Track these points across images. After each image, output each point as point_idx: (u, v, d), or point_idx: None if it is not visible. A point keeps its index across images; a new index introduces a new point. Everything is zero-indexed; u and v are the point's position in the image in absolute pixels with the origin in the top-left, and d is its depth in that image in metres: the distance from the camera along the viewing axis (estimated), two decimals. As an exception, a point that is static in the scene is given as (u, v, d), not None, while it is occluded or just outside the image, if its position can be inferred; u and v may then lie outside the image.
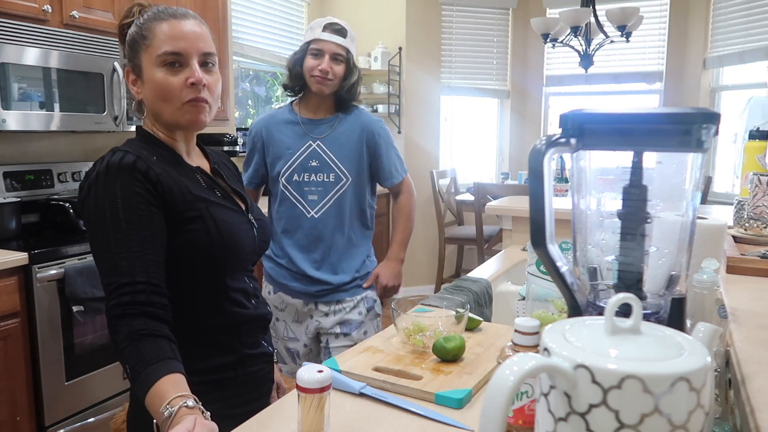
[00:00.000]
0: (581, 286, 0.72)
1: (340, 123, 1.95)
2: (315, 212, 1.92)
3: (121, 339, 0.94)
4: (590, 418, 0.50)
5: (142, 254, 0.99)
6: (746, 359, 0.81)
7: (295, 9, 4.57)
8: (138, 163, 1.03)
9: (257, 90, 4.68)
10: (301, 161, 1.91)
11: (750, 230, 1.60)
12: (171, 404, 0.87)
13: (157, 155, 1.09)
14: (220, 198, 1.16)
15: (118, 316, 0.95)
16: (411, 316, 1.22)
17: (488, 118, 5.49)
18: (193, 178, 1.14)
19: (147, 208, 1.02)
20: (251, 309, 1.20)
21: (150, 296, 0.97)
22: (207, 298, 1.13)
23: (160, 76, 1.08)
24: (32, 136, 2.69)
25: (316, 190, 1.92)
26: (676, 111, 0.65)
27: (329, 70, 1.85)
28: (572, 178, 0.74)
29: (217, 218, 1.11)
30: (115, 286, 0.97)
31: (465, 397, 1.00)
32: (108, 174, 1.02)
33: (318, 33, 1.85)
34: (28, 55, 2.28)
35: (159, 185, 1.04)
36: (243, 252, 1.17)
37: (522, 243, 2.35)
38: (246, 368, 1.19)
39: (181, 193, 1.07)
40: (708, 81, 4.74)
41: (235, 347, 1.17)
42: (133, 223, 1.00)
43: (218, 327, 1.15)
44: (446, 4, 5.04)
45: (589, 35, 4.17)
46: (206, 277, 1.12)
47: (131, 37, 1.11)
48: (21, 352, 2.11)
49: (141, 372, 0.91)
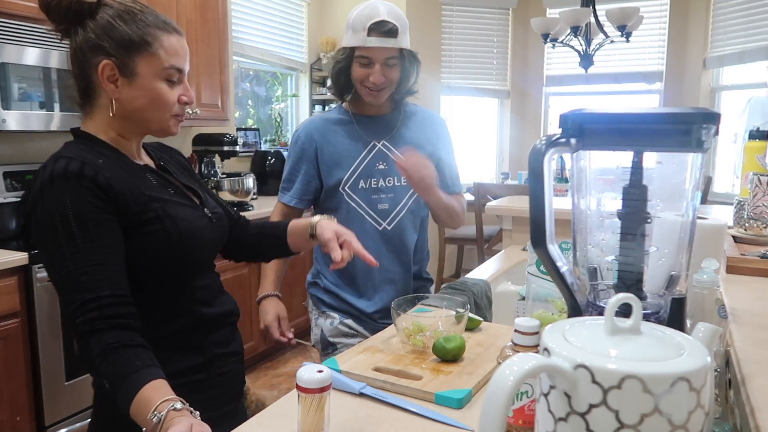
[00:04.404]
0: (581, 286, 0.72)
1: (405, 119, 1.70)
2: (387, 223, 1.66)
3: (95, 355, 0.92)
4: (590, 418, 0.50)
5: (103, 266, 0.96)
6: (746, 359, 0.81)
7: (295, 9, 4.57)
8: (85, 169, 0.97)
9: (257, 90, 4.68)
10: (366, 165, 1.63)
11: (750, 230, 1.60)
12: (158, 410, 0.86)
13: (102, 157, 1.03)
14: (173, 195, 1.12)
15: (87, 333, 0.93)
16: (411, 316, 1.22)
17: (488, 118, 5.49)
18: (143, 178, 1.09)
19: (101, 217, 0.97)
20: (217, 306, 1.17)
21: (117, 308, 0.95)
22: (171, 300, 1.10)
23: (163, 88, 1.05)
24: (32, 136, 2.69)
25: (387, 198, 1.64)
26: (676, 111, 0.65)
27: (383, 80, 1.56)
28: (572, 178, 0.74)
29: (175, 216, 1.07)
30: (79, 303, 0.93)
31: (465, 397, 1.00)
32: (53, 184, 0.96)
33: (363, 38, 1.52)
34: (28, 55, 2.28)
35: (110, 190, 0.99)
36: (204, 248, 1.15)
37: (522, 243, 2.35)
38: (217, 369, 1.16)
39: (134, 195, 1.03)
40: (708, 81, 4.74)
41: (204, 347, 1.13)
42: (89, 234, 0.96)
43: (185, 328, 1.11)
44: (446, 4, 5.04)
45: (589, 35, 4.18)
46: (169, 278, 1.09)
47: (125, 35, 1.02)
48: (21, 352, 2.11)
49: (121, 385, 0.89)
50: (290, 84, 4.80)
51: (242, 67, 4.29)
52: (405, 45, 1.59)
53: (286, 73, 4.73)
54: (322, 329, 1.70)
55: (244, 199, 3.36)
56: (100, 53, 1.02)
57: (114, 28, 1.02)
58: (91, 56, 1.03)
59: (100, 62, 1.02)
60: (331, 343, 1.68)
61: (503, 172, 5.31)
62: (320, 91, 4.74)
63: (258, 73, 4.58)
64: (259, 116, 4.71)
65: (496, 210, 2.51)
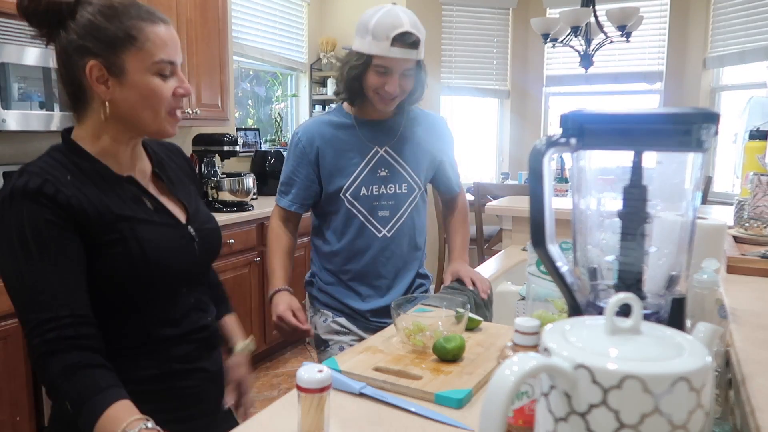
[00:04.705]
0: (581, 286, 0.72)
1: (408, 123, 1.68)
2: (387, 230, 1.66)
3: (54, 376, 0.89)
4: (590, 418, 0.50)
5: (61, 285, 0.92)
6: (746, 359, 0.81)
7: (295, 9, 4.57)
8: (45, 187, 0.93)
9: (257, 90, 4.69)
10: (368, 172, 1.61)
11: (750, 230, 1.60)
12: (129, 427, 0.84)
13: (76, 172, 0.98)
14: (151, 212, 1.06)
15: (45, 354, 0.90)
16: (411, 316, 1.22)
17: (488, 118, 5.49)
18: (118, 194, 1.02)
19: (60, 234, 0.93)
20: (184, 326, 1.09)
21: (78, 329, 0.91)
22: (131, 320, 1.04)
23: (156, 83, 1.00)
24: (32, 136, 2.69)
25: (388, 205, 1.64)
26: (676, 111, 0.65)
27: (398, 90, 1.55)
28: (572, 178, 0.74)
29: (141, 238, 1.00)
30: (36, 323, 0.90)
31: (465, 397, 1.00)
32: (13, 201, 0.93)
33: (386, 48, 1.49)
34: (28, 55, 2.28)
35: (69, 209, 0.94)
36: (173, 271, 1.07)
37: (522, 243, 2.35)
38: (174, 383, 1.08)
39: (99, 215, 0.97)
40: (708, 81, 4.74)
41: (161, 361, 1.06)
42: (47, 252, 0.92)
43: (145, 342, 1.05)
44: (446, 4, 5.04)
45: (589, 35, 4.18)
46: (132, 299, 1.03)
47: (108, 32, 0.97)
48: (21, 352, 2.11)
49: (83, 405, 0.87)
50: (290, 84, 4.80)
51: (242, 67, 4.29)
52: (422, 53, 1.59)
53: (286, 73, 4.73)
54: (316, 326, 1.71)
55: (244, 199, 3.36)
56: (85, 54, 0.97)
57: (96, 26, 0.97)
58: (77, 58, 0.98)
59: (87, 63, 0.97)
60: (323, 340, 1.70)
61: (503, 172, 5.31)
62: (320, 91, 4.74)
63: (258, 73, 4.58)
64: (259, 116, 4.71)
65: (496, 210, 2.51)
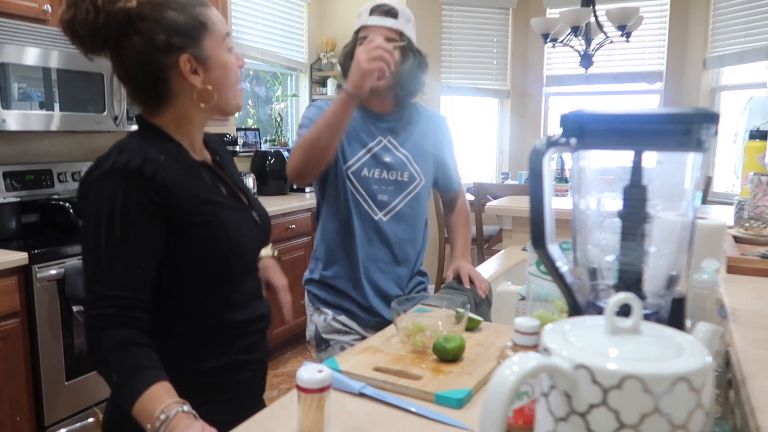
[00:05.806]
0: (581, 286, 0.72)
1: (410, 118, 1.73)
2: (383, 215, 1.67)
3: (106, 348, 0.93)
4: (590, 418, 0.50)
5: (133, 268, 0.97)
6: (746, 359, 0.81)
7: (295, 9, 4.57)
8: (145, 167, 0.97)
9: (257, 90, 4.68)
10: (372, 155, 1.65)
11: (750, 230, 1.60)
12: (167, 408, 0.87)
13: (164, 153, 1.03)
14: (225, 197, 1.12)
15: (100, 327, 0.94)
16: (411, 316, 1.22)
17: (488, 118, 5.48)
18: (199, 177, 1.08)
19: (145, 219, 0.98)
20: (248, 311, 1.15)
21: (134, 311, 0.96)
22: (207, 301, 1.09)
23: (230, 59, 1.07)
24: (32, 136, 2.69)
25: (387, 190, 1.66)
26: (676, 111, 0.65)
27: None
28: (572, 178, 0.74)
29: (225, 221, 1.06)
30: (99, 296, 0.95)
31: (465, 397, 1.00)
32: (111, 177, 0.97)
33: (365, 18, 1.60)
34: (28, 55, 2.28)
35: (165, 191, 0.98)
36: (248, 253, 1.14)
37: (522, 243, 2.35)
38: (236, 374, 1.14)
39: (189, 197, 1.02)
40: (708, 81, 4.74)
41: (227, 351, 1.12)
42: (128, 234, 0.96)
43: (215, 329, 1.10)
44: (446, 4, 5.04)
45: (589, 35, 4.17)
46: (209, 280, 1.08)
47: (187, 26, 1.01)
48: (21, 352, 2.11)
49: (130, 379, 0.91)
50: (290, 84, 4.80)
51: (242, 67, 4.29)
52: (406, 31, 1.62)
53: (286, 73, 4.73)
54: (316, 326, 1.71)
55: (244, 199, 3.37)
56: (173, 51, 1.01)
57: (174, 22, 1.00)
58: (162, 57, 1.01)
59: (178, 59, 1.01)
60: (324, 339, 1.70)
61: (503, 172, 5.31)
62: (320, 91, 4.74)
63: (258, 73, 4.58)
64: (259, 116, 4.71)
65: (496, 210, 2.51)
